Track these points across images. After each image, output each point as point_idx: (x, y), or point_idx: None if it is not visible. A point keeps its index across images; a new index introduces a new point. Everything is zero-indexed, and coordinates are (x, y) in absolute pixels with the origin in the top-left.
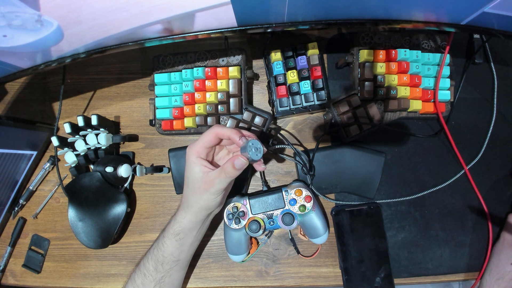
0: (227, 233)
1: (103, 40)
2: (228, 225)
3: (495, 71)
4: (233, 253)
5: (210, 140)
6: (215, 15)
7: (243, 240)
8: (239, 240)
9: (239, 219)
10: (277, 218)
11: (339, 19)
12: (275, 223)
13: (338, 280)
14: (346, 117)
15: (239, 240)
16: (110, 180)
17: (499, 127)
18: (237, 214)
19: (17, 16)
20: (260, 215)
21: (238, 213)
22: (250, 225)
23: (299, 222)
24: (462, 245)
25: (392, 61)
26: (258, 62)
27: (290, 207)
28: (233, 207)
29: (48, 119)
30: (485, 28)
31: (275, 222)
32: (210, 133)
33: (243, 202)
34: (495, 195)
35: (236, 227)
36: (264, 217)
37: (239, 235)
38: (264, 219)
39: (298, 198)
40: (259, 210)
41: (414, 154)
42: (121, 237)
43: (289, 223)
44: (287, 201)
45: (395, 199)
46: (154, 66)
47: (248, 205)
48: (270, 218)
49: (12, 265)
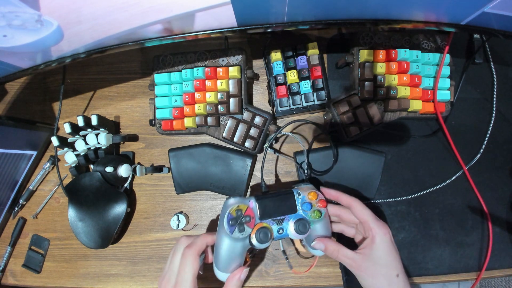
0: (223, 243)
1: (103, 40)
2: (227, 233)
3: (495, 71)
4: (225, 269)
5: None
6: (215, 15)
7: (240, 254)
8: (236, 253)
9: (244, 226)
10: (288, 225)
11: (339, 19)
12: (284, 231)
13: (338, 280)
14: (346, 117)
15: (236, 253)
16: (110, 180)
17: (499, 127)
18: (241, 219)
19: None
20: (269, 221)
21: (243, 218)
22: (259, 233)
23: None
24: (462, 245)
25: (392, 61)
26: (258, 62)
27: (303, 212)
28: (236, 210)
29: (48, 119)
30: (485, 28)
31: (285, 230)
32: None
33: (250, 204)
34: (495, 195)
35: (239, 236)
36: (274, 223)
37: (238, 247)
38: (273, 226)
39: (313, 202)
40: (267, 215)
41: (414, 154)
42: (121, 237)
43: (303, 231)
44: (300, 205)
45: (395, 199)
46: (154, 66)
47: (256, 208)
48: (279, 225)
49: (12, 265)
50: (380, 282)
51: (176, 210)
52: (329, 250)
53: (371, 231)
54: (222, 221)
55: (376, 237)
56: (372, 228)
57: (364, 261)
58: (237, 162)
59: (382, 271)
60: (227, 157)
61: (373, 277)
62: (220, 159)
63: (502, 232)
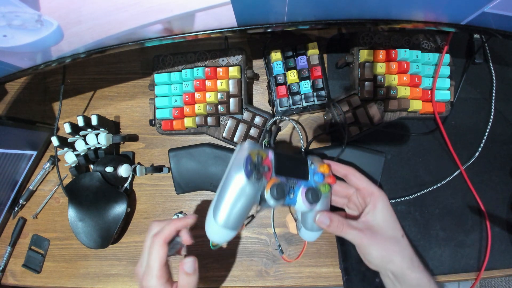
0: (232, 189)
1: (103, 40)
2: (243, 177)
3: (494, 71)
4: (227, 224)
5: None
6: (215, 15)
7: (248, 207)
8: (244, 205)
9: (262, 175)
10: (299, 191)
11: (339, 19)
12: (294, 196)
13: (338, 280)
14: (346, 117)
15: (244, 204)
16: (110, 180)
17: (499, 127)
18: (260, 167)
19: (17, 16)
20: (283, 179)
21: (262, 167)
22: (275, 188)
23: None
24: (462, 245)
25: (392, 61)
26: (258, 62)
27: (315, 182)
28: (257, 156)
29: (48, 119)
30: (485, 28)
31: (295, 196)
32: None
33: (268, 155)
34: (495, 195)
35: (254, 184)
36: (287, 184)
37: (249, 197)
38: (286, 187)
39: (325, 175)
40: (283, 172)
41: (414, 154)
42: (121, 237)
43: (313, 201)
44: (313, 174)
45: (395, 199)
46: (154, 66)
47: (273, 161)
48: (291, 188)
49: (12, 265)
50: (389, 244)
51: (176, 210)
52: (334, 223)
53: (373, 195)
54: (237, 164)
55: (378, 200)
56: (373, 192)
57: (370, 227)
58: None
59: (389, 233)
60: (227, 157)
61: (382, 242)
62: (220, 159)
63: (502, 232)
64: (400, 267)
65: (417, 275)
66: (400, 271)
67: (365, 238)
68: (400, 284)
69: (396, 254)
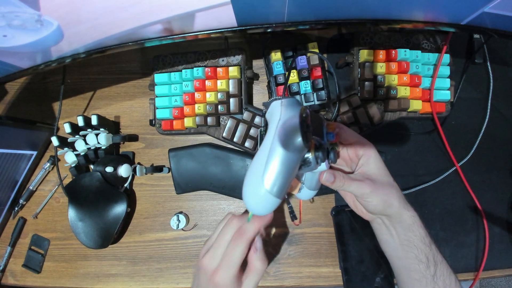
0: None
1: (103, 40)
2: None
3: (491, 71)
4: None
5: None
6: (215, 15)
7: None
8: (293, 172)
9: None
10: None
11: (339, 19)
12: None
13: (338, 280)
14: (346, 117)
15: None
16: (110, 180)
17: (499, 127)
18: (306, 127)
19: (17, 16)
20: (317, 140)
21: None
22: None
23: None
24: (462, 245)
25: (392, 61)
26: (258, 62)
27: (328, 141)
28: (304, 114)
29: (48, 119)
30: (485, 28)
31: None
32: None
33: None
34: (495, 195)
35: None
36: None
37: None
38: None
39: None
40: (316, 133)
41: (414, 154)
42: (121, 237)
43: (334, 160)
44: (325, 134)
45: None
46: (154, 66)
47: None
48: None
49: (12, 265)
50: (387, 189)
51: (176, 210)
52: (338, 179)
53: (364, 147)
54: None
55: (371, 151)
56: (365, 144)
57: (368, 177)
58: (237, 162)
59: (385, 179)
60: (227, 157)
61: (382, 188)
62: (220, 159)
63: (502, 232)
64: (398, 208)
65: (410, 213)
66: (398, 212)
67: (366, 187)
68: (394, 226)
69: (394, 197)
